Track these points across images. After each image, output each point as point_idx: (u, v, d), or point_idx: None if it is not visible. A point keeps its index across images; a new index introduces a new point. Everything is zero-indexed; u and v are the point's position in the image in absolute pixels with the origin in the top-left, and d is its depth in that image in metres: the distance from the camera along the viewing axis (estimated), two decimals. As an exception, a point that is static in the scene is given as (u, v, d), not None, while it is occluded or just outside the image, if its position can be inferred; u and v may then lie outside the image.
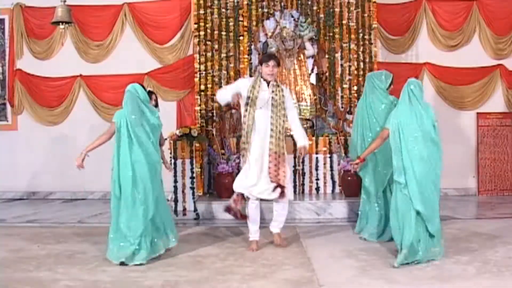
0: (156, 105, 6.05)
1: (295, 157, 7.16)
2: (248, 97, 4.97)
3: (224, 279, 4.10)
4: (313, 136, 7.23)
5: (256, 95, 4.96)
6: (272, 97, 5.00)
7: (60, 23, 6.90)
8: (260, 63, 5.20)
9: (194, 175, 6.62)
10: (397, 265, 4.27)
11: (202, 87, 7.43)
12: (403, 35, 8.38)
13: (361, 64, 7.45)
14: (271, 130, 4.99)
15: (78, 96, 8.56)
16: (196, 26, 7.44)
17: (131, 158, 4.46)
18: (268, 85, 5.03)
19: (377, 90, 5.35)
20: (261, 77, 5.07)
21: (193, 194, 6.59)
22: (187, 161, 6.60)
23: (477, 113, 8.39)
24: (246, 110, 4.98)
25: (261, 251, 4.95)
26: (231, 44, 7.44)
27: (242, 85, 5.07)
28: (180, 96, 8.39)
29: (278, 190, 4.95)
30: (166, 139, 5.60)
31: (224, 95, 5.10)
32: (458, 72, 8.33)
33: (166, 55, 8.43)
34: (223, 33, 7.42)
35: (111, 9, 8.47)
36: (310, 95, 7.49)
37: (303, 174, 7.18)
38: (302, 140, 5.17)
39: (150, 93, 5.91)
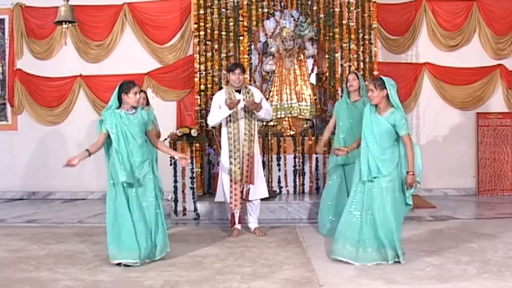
0: (147, 104, 6.06)
1: (295, 157, 7.17)
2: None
3: (224, 279, 4.10)
4: (313, 136, 7.22)
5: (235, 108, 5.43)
6: (244, 105, 5.49)
7: (63, 23, 6.88)
8: (228, 72, 5.72)
9: (194, 175, 6.62)
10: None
11: (202, 87, 7.43)
12: (403, 35, 8.37)
13: (361, 64, 7.44)
14: (245, 134, 5.54)
15: (78, 96, 8.55)
16: (196, 26, 7.44)
17: None
18: (239, 93, 5.53)
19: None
20: (231, 86, 5.59)
21: (193, 194, 6.60)
22: (187, 161, 6.60)
23: (477, 113, 8.39)
24: (230, 121, 5.50)
25: (261, 251, 4.95)
26: (231, 44, 7.43)
27: (220, 100, 5.55)
28: (180, 96, 8.38)
29: (251, 189, 5.55)
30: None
31: (216, 119, 5.53)
32: (458, 72, 8.32)
33: (166, 55, 8.43)
34: (223, 33, 7.42)
35: (111, 9, 8.46)
36: (310, 95, 7.49)
37: (303, 174, 7.19)
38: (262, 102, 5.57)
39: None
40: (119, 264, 4.45)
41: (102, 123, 4.52)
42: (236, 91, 5.59)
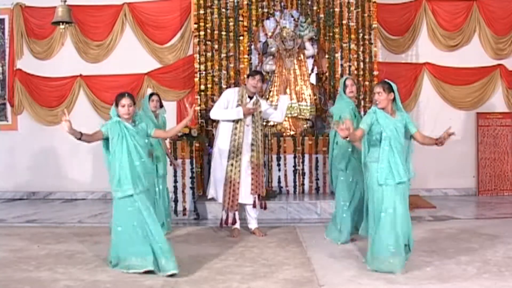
0: (161, 106, 5.98)
1: (295, 157, 7.17)
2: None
3: (224, 279, 4.10)
4: (313, 136, 7.23)
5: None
6: (254, 115, 5.59)
7: (61, 23, 6.90)
8: (247, 76, 5.75)
9: (194, 175, 6.62)
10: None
11: (202, 87, 7.43)
12: (403, 35, 8.38)
13: (361, 64, 7.45)
14: (252, 144, 5.60)
15: (78, 96, 8.56)
16: (196, 26, 7.44)
17: None
18: (250, 100, 5.59)
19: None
20: (246, 89, 5.62)
21: (193, 194, 6.60)
22: (187, 161, 6.60)
23: (477, 113, 8.39)
24: (237, 123, 5.52)
25: (261, 251, 4.95)
26: (231, 44, 7.43)
27: (230, 98, 5.63)
28: (180, 96, 8.38)
29: (256, 197, 5.63)
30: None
31: (222, 116, 5.63)
32: (458, 72, 8.32)
33: (166, 55, 8.43)
34: (223, 33, 7.42)
35: (111, 9, 8.47)
36: (310, 95, 7.49)
37: (303, 174, 7.19)
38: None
39: (151, 94, 5.90)
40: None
41: (104, 126, 4.41)
42: (249, 97, 5.63)
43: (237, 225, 5.67)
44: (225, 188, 5.55)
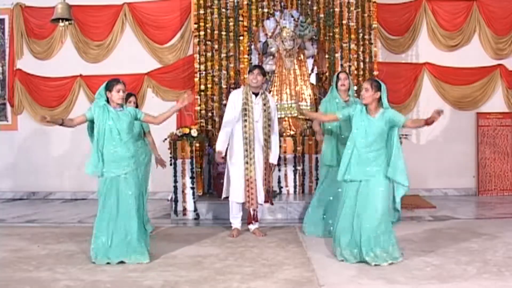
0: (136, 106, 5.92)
1: (295, 157, 7.17)
2: (245, 109, 5.52)
3: (224, 279, 4.10)
4: (313, 136, 7.22)
5: (250, 108, 5.52)
6: (264, 109, 5.58)
7: (60, 20, 6.92)
8: (248, 73, 5.76)
9: (194, 175, 6.62)
10: None
11: (202, 87, 7.43)
12: (403, 35, 8.38)
13: (361, 64, 7.45)
14: (265, 140, 5.60)
15: (78, 96, 8.56)
16: (196, 26, 7.44)
17: None
18: (256, 97, 5.56)
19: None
20: (249, 87, 5.57)
21: (193, 194, 6.60)
22: (187, 161, 6.60)
23: (477, 113, 8.40)
24: (245, 121, 5.50)
25: (261, 251, 4.95)
26: (231, 44, 7.43)
27: (235, 99, 5.60)
28: (180, 96, 8.38)
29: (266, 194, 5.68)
30: None
31: (226, 135, 5.60)
32: (458, 72, 8.33)
33: (166, 55, 8.44)
34: (223, 33, 7.42)
35: (111, 9, 8.47)
36: (310, 95, 7.48)
37: (303, 174, 7.19)
38: (274, 157, 5.76)
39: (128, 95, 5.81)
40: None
41: (89, 110, 4.59)
42: (255, 93, 5.59)
43: (238, 225, 5.67)
44: (245, 187, 5.55)
